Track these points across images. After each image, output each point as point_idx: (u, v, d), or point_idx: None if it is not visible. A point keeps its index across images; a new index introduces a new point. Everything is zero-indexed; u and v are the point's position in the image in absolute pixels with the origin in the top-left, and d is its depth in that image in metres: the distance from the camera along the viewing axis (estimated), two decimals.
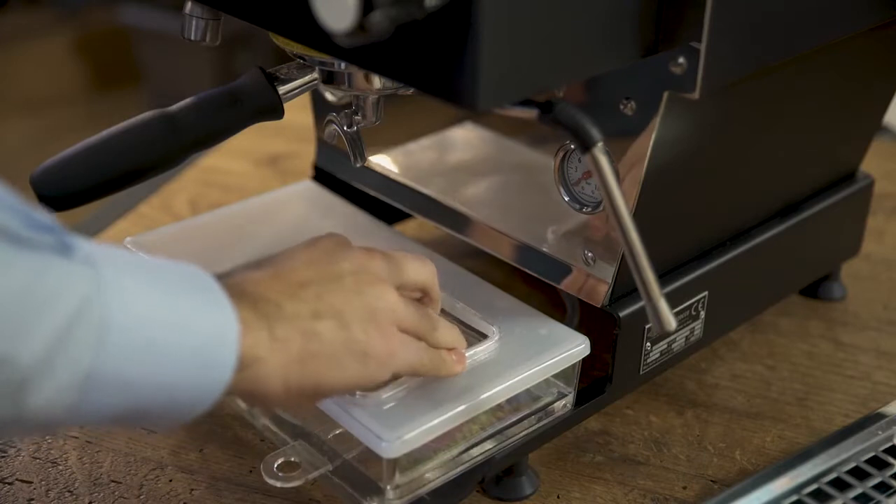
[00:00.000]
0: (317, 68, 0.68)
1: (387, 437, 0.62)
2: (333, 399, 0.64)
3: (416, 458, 0.65)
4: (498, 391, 0.66)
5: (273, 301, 0.57)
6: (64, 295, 0.47)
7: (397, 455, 0.63)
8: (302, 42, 0.61)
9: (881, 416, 0.75)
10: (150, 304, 0.51)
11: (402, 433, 0.62)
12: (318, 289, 0.59)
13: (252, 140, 1.09)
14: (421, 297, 0.66)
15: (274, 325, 0.56)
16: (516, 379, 0.67)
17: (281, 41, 0.66)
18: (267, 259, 0.61)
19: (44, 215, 0.49)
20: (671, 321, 0.61)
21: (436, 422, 0.64)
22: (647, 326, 0.73)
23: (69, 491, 0.72)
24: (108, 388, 0.49)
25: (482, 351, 0.69)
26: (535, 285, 0.80)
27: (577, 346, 0.70)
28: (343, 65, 0.67)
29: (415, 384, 0.66)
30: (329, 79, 0.68)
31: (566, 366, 0.70)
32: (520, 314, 0.73)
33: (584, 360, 0.71)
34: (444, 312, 0.74)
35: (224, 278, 0.57)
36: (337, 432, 0.68)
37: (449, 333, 0.66)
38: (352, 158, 0.75)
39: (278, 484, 0.66)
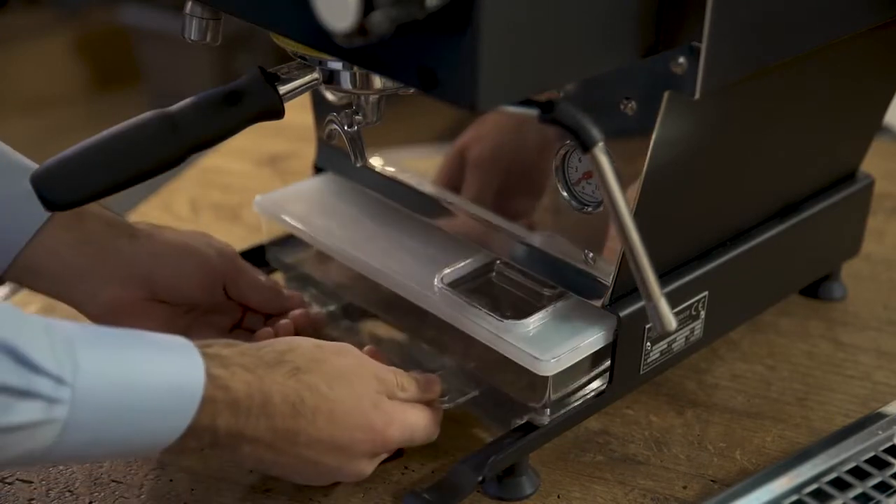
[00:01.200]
0: (317, 68, 0.68)
1: (543, 356, 0.69)
2: (485, 328, 0.72)
3: (561, 378, 0.71)
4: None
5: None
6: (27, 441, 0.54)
7: (553, 373, 0.69)
8: (302, 42, 0.61)
9: (881, 416, 0.75)
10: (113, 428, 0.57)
11: (556, 353, 0.69)
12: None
13: (252, 140, 1.09)
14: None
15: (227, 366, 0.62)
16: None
17: (281, 41, 0.66)
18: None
19: (36, 349, 0.53)
20: (671, 321, 0.61)
21: (584, 343, 0.71)
22: (647, 326, 0.73)
23: (69, 491, 0.72)
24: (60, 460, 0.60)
25: None
26: None
27: None
28: (343, 65, 0.67)
29: (549, 316, 0.73)
30: (330, 79, 0.68)
31: None
32: None
33: None
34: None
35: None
36: (473, 364, 0.76)
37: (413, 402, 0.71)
38: (352, 158, 0.75)
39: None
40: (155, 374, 0.57)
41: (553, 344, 0.70)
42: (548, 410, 0.71)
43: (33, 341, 0.53)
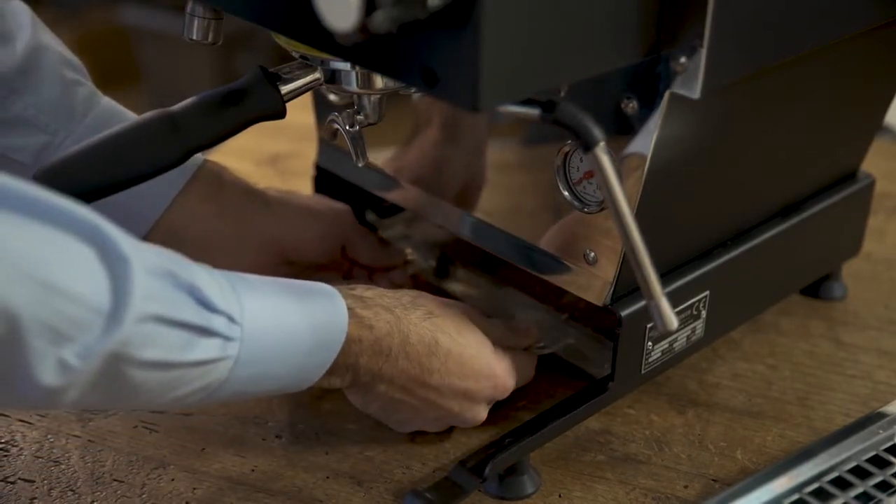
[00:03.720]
0: (319, 68, 0.68)
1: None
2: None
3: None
4: None
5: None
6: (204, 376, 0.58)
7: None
8: (304, 42, 0.61)
9: (882, 416, 0.75)
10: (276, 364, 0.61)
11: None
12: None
13: (253, 140, 1.09)
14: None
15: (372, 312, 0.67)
16: None
17: (282, 41, 0.66)
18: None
19: (210, 291, 0.57)
20: (673, 320, 0.61)
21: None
22: (648, 326, 0.73)
23: (71, 490, 0.72)
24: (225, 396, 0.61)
25: None
26: None
27: None
28: (345, 65, 0.67)
29: None
30: (331, 78, 0.68)
31: None
32: None
33: None
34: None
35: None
36: (566, 315, 0.82)
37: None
38: (353, 158, 0.75)
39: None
40: (304, 314, 0.62)
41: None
42: None
43: (207, 284, 0.57)
